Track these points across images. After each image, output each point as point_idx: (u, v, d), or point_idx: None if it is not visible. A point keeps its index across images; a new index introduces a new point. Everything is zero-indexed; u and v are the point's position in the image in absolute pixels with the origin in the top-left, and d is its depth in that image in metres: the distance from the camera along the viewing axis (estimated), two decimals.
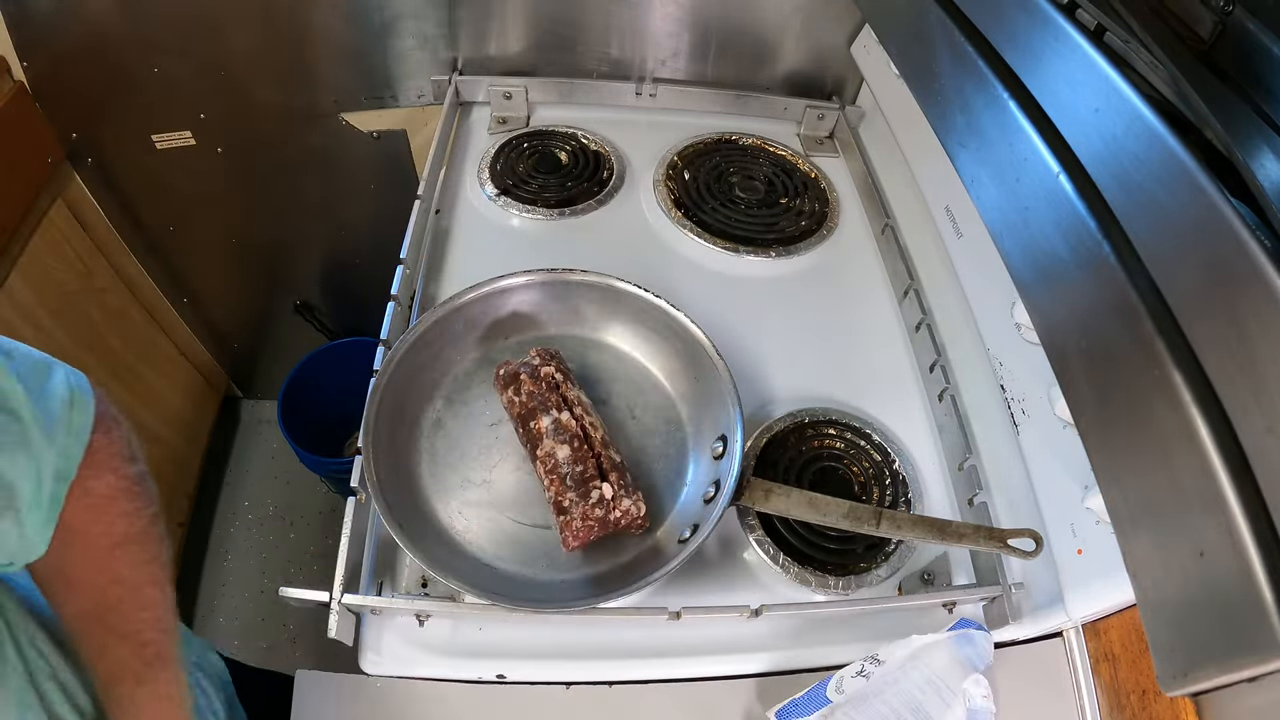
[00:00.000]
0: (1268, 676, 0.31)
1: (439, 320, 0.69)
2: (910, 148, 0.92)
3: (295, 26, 0.99)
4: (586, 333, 0.76)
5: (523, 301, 0.74)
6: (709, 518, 0.59)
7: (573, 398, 0.66)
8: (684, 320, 0.70)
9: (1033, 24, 0.51)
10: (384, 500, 0.58)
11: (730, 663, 0.62)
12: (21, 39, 0.94)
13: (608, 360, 0.75)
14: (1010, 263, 0.50)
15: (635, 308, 0.73)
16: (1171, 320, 0.36)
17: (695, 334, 0.69)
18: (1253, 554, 0.31)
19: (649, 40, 1.05)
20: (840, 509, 0.60)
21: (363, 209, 1.27)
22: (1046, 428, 0.66)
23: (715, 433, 0.66)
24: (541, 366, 0.67)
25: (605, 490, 0.61)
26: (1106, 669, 0.60)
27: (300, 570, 1.48)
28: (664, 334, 0.72)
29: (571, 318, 0.75)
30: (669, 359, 0.73)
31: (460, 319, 0.71)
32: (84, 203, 1.13)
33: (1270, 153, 0.41)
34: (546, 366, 0.67)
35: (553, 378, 0.66)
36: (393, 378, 0.65)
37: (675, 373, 0.73)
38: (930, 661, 0.58)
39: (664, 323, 0.72)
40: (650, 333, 0.74)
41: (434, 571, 0.55)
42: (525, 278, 0.72)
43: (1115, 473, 0.40)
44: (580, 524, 0.60)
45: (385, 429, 0.64)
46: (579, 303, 0.75)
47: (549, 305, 0.75)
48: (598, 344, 0.76)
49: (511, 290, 0.73)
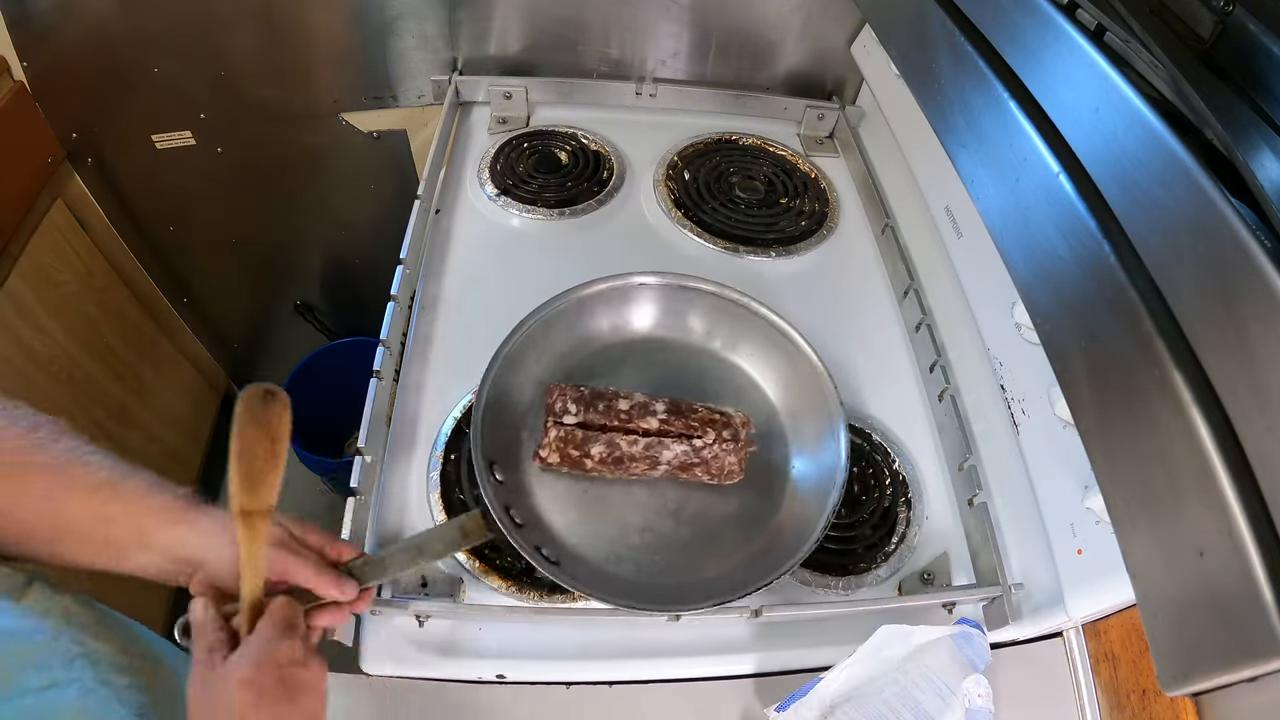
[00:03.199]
0: (1268, 676, 0.31)
1: (494, 384, 0.66)
2: (910, 148, 0.92)
3: (295, 26, 0.99)
4: (696, 342, 0.75)
5: (640, 307, 0.74)
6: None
7: (617, 419, 0.65)
8: (792, 332, 0.71)
9: (1033, 24, 0.51)
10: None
11: (730, 663, 0.62)
12: (21, 39, 0.94)
13: (718, 369, 0.74)
14: (1010, 263, 0.50)
15: (743, 319, 0.73)
16: (1171, 320, 0.36)
17: (799, 343, 0.70)
18: (1253, 554, 0.31)
19: (649, 40, 1.05)
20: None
21: (363, 209, 1.27)
22: (1046, 428, 0.66)
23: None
24: (553, 428, 0.65)
25: (709, 437, 0.64)
26: (1106, 669, 0.60)
27: None
28: (774, 347, 0.73)
29: (679, 326, 0.75)
30: (776, 369, 0.73)
31: (509, 377, 0.68)
32: (84, 203, 1.13)
33: (1270, 153, 0.41)
34: (566, 419, 0.65)
35: (574, 424, 0.65)
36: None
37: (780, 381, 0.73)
38: (929, 661, 0.58)
39: (771, 335, 0.72)
40: (771, 348, 0.73)
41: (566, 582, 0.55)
42: (648, 278, 0.73)
43: (1115, 473, 0.40)
44: (730, 457, 0.64)
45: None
46: (688, 311, 0.75)
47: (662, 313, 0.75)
48: (705, 352, 0.75)
49: (550, 324, 0.70)
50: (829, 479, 0.63)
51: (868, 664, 0.57)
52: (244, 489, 0.43)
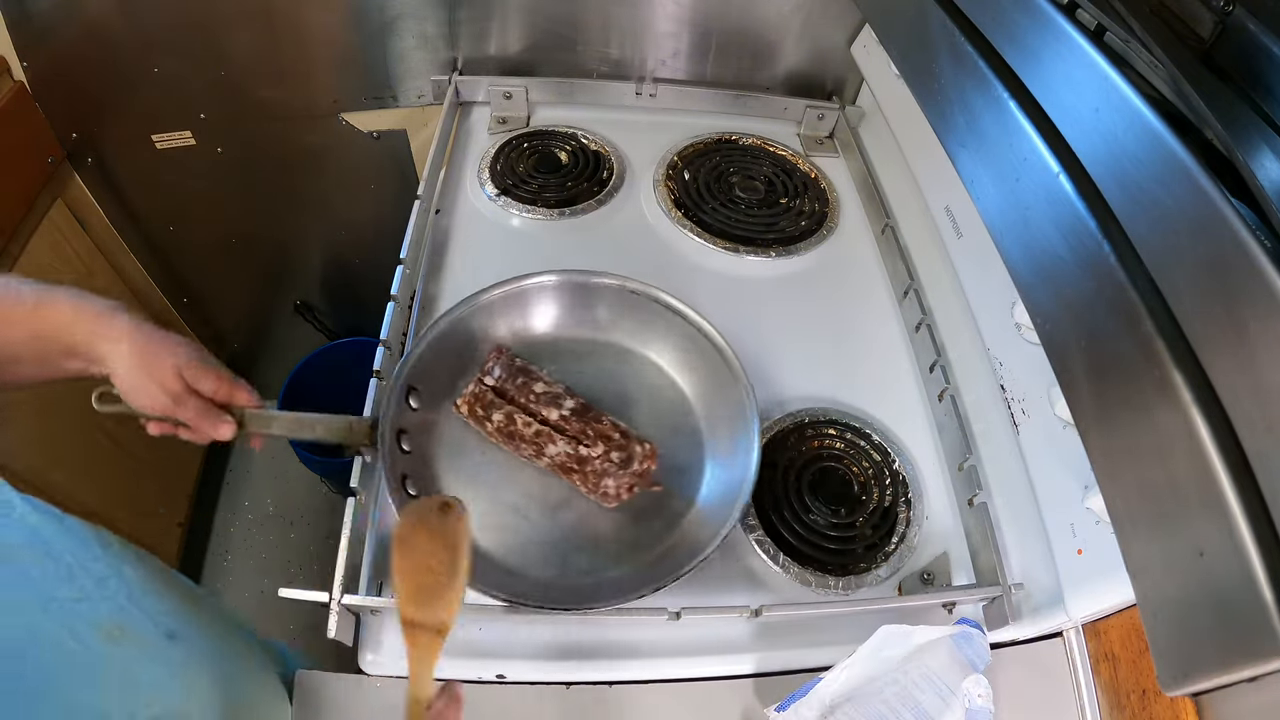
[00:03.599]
0: (1268, 676, 0.31)
1: (453, 321, 0.70)
2: (910, 148, 0.92)
3: (295, 26, 0.99)
4: (600, 336, 0.75)
5: (539, 303, 0.74)
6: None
7: (526, 398, 0.67)
8: (703, 323, 0.70)
9: (1033, 24, 0.51)
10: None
11: (730, 663, 0.62)
12: (21, 39, 0.94)
13: (625, 367, 0.74)
14: (1010, 263, 0.49)
15: (652, 312, 0.73)
16: (1171, 320, 0.36)
17: (714, 336, 0.70)
18: (1253, 554, 0.31)
19: (649, 40, 1.05)
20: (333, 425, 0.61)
21: (363, 209, 1.27)
22: (1046, 428, 0.66)
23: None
24: (484, 378, 0.68)
25: (596, 449, 0.64)
26: (1106, 669, 0.60)
27: (300, 570, 1.48)
28: (682, 339, 0.72)
29: (587, 321, 0.75)
30: (687, 363, 0.73)
31: (474, 321, 0.71)
32: (84, 203, 1.13)
33: (1270, 153, 0.41)
34: (487, 379, 0.68)
35: (500, 385, 0.68)
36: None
37: (691, 376, 0.73)
38: (929, 661, 0.58)
39: (683, 328, 0.72)
40: (678, 341, 0.73)
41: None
42: (544, 278, 0.72)
43: (1115, 473, 0.40)
44: (610, 480, 0.63)
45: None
46: (595, 305, 0.75)
47: (565, 308, 0.74)
48: (613, 348, 0.75)
49: (529, 291, 0.73)
50: (735, 490, 0.62)
51: (868, 664, 0.57)
52: (412, 602, 0.42)
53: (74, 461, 1.08)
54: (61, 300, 0.52)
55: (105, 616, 0.43)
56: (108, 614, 0.44)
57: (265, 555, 1.50)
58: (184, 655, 0.48)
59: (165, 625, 0.48)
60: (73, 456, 1.08)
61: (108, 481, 1.17)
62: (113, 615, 0.44)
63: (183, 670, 0.47)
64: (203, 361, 0.55)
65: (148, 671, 0.44)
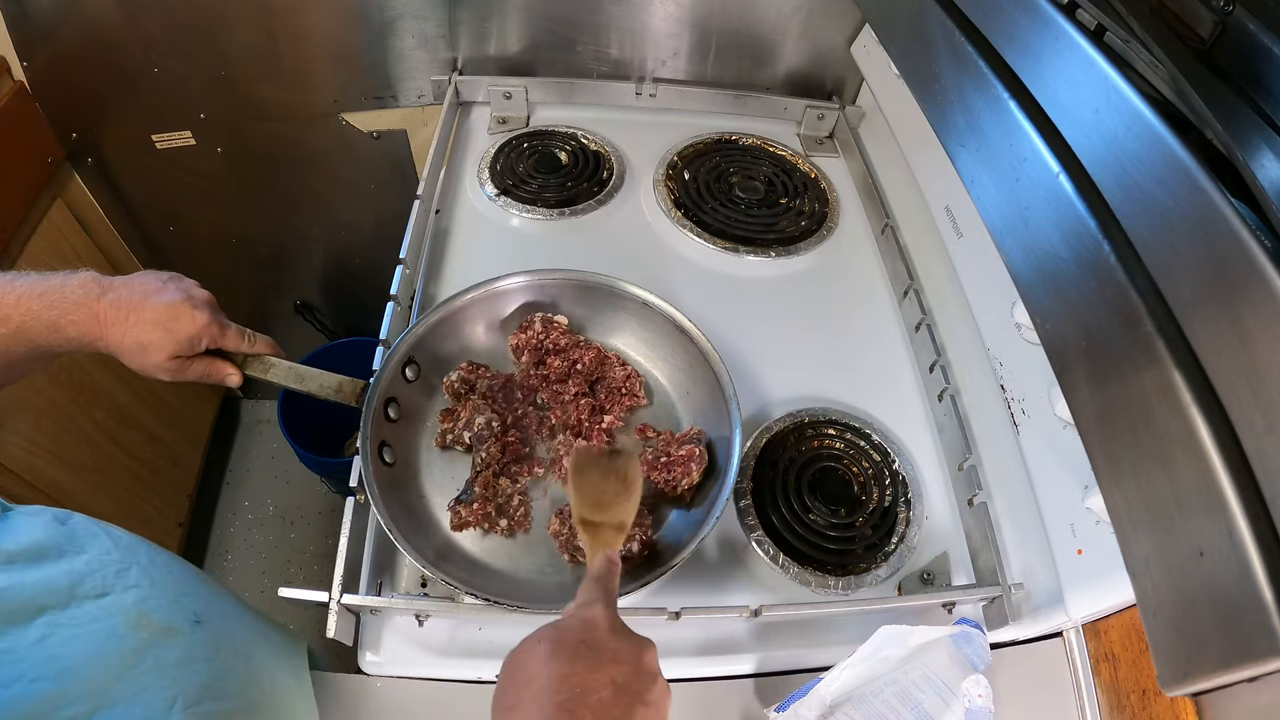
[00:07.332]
0: (1268, 676, 0.31)
1: (439, 320, 0.70)
2: (910, 148, 0.92)
3: (295, 26, 0.99)
4: (588, 334, 0.76)
5: (523, 301, 0.74)
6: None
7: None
8: (684, 321, 0.70)
9: (1033, 24, 0.51)
10: (383, 506, 0.58)
11: (730, 663, 0.62)
12: (21, 39, 0.94)
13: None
14: (1010, 263, 0.49)
15: (634, 308, 0.73)
16: (1171, 320, 0.36)
17: (695, 335, 0.69)
18: (1253, 554, 0.31)
19: (649, 40, 1.05)
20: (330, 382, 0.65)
21: (363, 209, 1.27)
22: (1046, 428, 0.66)
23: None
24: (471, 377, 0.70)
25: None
26: (1106, 669, 0.60)
27: (300, 570, 1.48)
28: (665, 335, 0.72)
29: (571, 318, 0.75)
30: (669, 360, 0.73)
31: (459, 319, 0.72)
32: (84, 203, 1.13)
33: (1270, 153, 0.41)
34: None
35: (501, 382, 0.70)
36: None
37: (674, 374, 0.73)
38: (929, 661, 0.58)
39: (665, 324, 0.72)
40: (652, 334, 0.74)
41: (431, 572, 0.55)
42: (524, 278, 0.73)
43: (1115, 473, 0.40)
44: None
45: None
46: (580, 303, 0.75)
47: (549, 305, 0.75)
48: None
49: (510, 291, 0.73)
50: (720, 483, 0.62)
51: (867, 664, 0.57)
52: (591, 510, 0.50)
53: (74, 462, 1.08)
54: (46, 284, 0.53)
55: (130, 605, 0.44)
56: (133, 602, 0.44)
57: (265, 555, 1.50)
58: (214, 639, 0.49)
59: (190, 611, 0.48)
60: (73, 457, 1.08)
61: (108, 482, 1.17)
62: (137, 604, 0.45)
63: (215, 654, 0.48)
64: (220, 322, 0.59)
65: (178, 657, 0.45)
